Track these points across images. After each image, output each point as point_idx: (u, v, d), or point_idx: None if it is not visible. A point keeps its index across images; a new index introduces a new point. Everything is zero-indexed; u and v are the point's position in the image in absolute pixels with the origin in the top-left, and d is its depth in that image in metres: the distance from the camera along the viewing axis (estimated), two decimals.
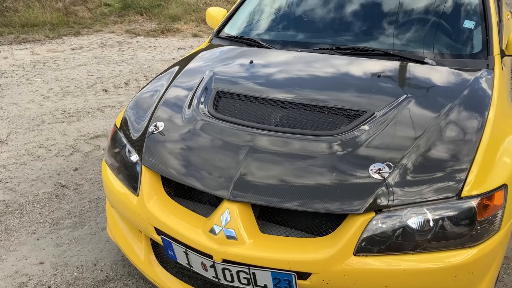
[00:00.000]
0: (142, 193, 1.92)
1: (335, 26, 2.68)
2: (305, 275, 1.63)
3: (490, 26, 2.44)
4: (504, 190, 1.73)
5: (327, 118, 1.93)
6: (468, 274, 1.65)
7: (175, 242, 1.79)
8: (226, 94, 2.17)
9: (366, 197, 1.62)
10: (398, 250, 1.62)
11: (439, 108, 1.95)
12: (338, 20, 2.70)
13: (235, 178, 1.73)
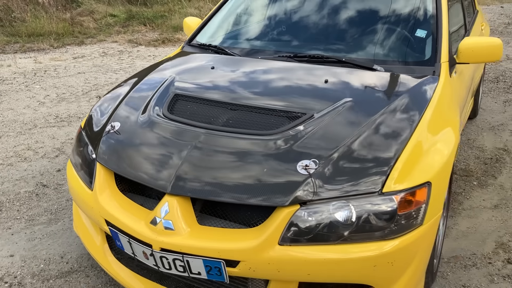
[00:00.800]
0: (96, 188, 2.07)
1: (295, 35, 2.82)
2: (235, 263, 1.75)
3: (440, 35, 2.55)
4: (427, 187, 1.84)
5: (270, 119, 2.06)
6: (388, 264, 1.75)
7: (121, 233, 1.92)
8: (182, 97, 2.32)
9: (292, 191, 1.74)
10: (321, 241, 1.73)
11: (374, 111, 2.07)
12: (297, 30, 2.84)
13: (176, 173, 1.87)
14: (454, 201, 3.15)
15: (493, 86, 5.56)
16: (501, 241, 2.71)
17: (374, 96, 2.20)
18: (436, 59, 2.47)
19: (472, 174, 3.51)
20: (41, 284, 2.36)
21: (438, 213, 1.92)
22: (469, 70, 3.12)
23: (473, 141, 4.09)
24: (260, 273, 1.75)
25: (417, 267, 1.88)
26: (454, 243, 2.71)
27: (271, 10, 3.08)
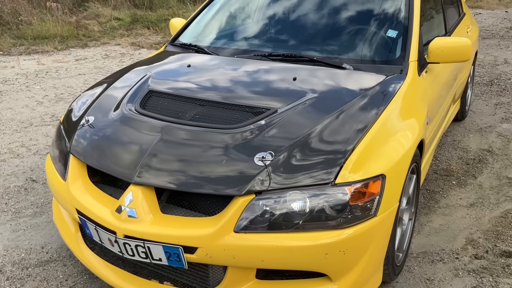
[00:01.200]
0: (68, 179, 2.16)
1: (270, 35, 2.90)
2: (193, 250, 1.83)
3: (410, 36, 2.62)
4: (381, 179, 1.91)
5: (236, 114, 2.14)
6: (340, 253, 1.82)
7: (89, 221, 2.01)
8: (156, 93, 2.41)
9: (248, 181, 1.82)
10: (275, 229, 1.81)
11: (336, 106, 2.15)
12: (273, 30, 2.92)
13: (140, 164, 1.96)
14: (431, 199, 3.20)
15: (487, 89, 5.59)
16: (471, 237, 2.76)
17: (338, 93, 2.28)
18: (405, 59, 2.53)
19: (452, 173, 3.56)
20: (20, 272, 2.46)
21: (393, 205, 1.98)
22: (448, 71, 3.18)
23: (459, 142, 4.13)
24: (217, 259, 1.83)
25: (372, 257, 1.95)
26: (425, 239, 2.76)
27: (249, 12, 3.17)
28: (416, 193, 2.56)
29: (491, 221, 2.93)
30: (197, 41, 3.06)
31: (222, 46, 2.92)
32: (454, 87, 3.59)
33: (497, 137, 4.22)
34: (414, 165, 2.37)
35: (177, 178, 1.90)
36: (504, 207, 3.08)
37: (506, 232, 2.80)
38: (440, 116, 3.08)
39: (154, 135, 2.06)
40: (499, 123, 4.54)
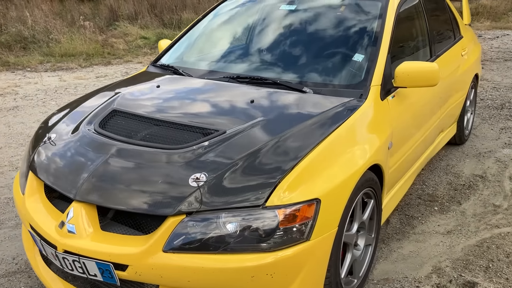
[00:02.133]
0: (26, 193, 2.26)
1: (240, 58, 2.96)
2: (124, 267, 1.88)
3: (376, 60, 2.62)
4: (315, 204, 1.91)
5: (184, 135, 2.19)
6: (267, 276, 1.83)
7: (36, 235, 2.10)
8: (118, 113, 2.49)
9: (179, 201, 1.86)
10: (204, 249, 1.84)
11: (282, 129, 2.17)
12: (244, 53, 2.99)
13: (83, 181, 2.03)
14: (408, 225, 3.14)
15: (496, 112, 5.45)
16: (439, 266, 2.69)
17: (288, 116, 2.30)
18: (367, 83, 2.53)
19: (436, 199, 3.48)
20: None
21: (330, 230, 1.98)
22: (428, 95, 3.13)
23: (452, 167, 4.04)
24: (146, 277, 1.87)
25: (305, 282, 1.94)
26: (391, 265, 2.71)
27: (223, 37, 3.24)
28: (377, 218, 2.53)
29: (464, 250, 2.85)
30: (174, 62, 3.14)
31: (196, 68, 2.99)
32: (441, 111, 3.53)
33: (494, 163, 4.10)
34: (369, 190, 2.35)
35: (116, 197, 1.96)
36: (482, 236, 2.99)
37: (476, 262, 2.72)
38: (416, 142, 3.03)
39: (102, 154, 2.14)
40: (500, 148, 4.42)
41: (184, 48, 3.29)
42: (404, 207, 3.37)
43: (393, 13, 2.90)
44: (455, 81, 3.81)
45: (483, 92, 6.32)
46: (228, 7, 3.44)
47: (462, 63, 3.99)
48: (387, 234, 3.04)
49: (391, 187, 2.87)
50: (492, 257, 2.76)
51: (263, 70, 2.81)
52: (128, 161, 2.07)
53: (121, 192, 1.96)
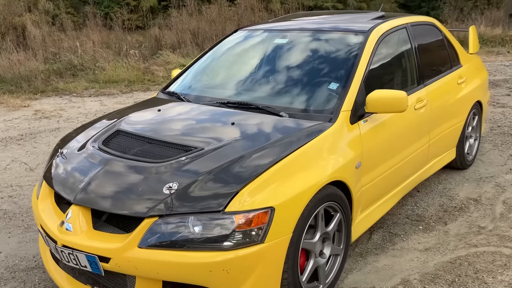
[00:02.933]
0: (39, 199, 2.70)
1: (233, 86, 3.34)
2: (107, 260, 2.25)
3: (348, 88, 2.92)
4: (269, 211, 2.22)
5: (169, 151, 2.57)
6: (223, 272, 2.15)
7: (44, 232, 2.52)
8: (121, 133, 2.91)
9: (153, 205, 2.23)
10: (172, 247, 2.19)
11: (251, 147, 2.51)
12: (236, 82, 3.36)
13: (81, 188, 2.44)
14: (389, 242, 3.36)
15: (509, 139, 5.52)
16: (407, 279, 2.90)
17: (261, 136, 2.64)
18: (338, 109, 2.83)
19: (424, 219, 3.67)
20: (8, 275, 3.01)
21: (283, 235, 2.28)
22: (409, 120, 3.37)
23: (449, 190, 4.21)
24: (124, 269, 2.23)
25: (260, 278, 2.24)
26: (363, 276, 2.95)
27: (218, 68, 3.65)
28: (345, 231, 2.79)
29: (436, 265, 3.04)
30: (179, 90, 3.55)
31: (195, 95, 3.39)
32: (430, 136, 3.74)
33: (493, 187, 4.23)
34: (334, 204, 2.62)
35: (104, 201, 2.35)
36: (457, 254, 3.17)
37: (443, 276, 2.91)
38: (396, 164, 3.26)
39: (99, 166, 2.55)
40: (504, 174, 4.53)
41: (189, 78, 3.70)
42: (390, 225, 3.59)
43: (371, 46, 3.19)
44: (449, 108, 4.01)
45: (502, 119, 6.39)
46: (229, 42, 3.85)
47: (458, 91, 4.19)
48: (366, 248, 3.27)
49: (368, 205, 3.11)
50: (461, 273, 2.94)
51: (249, 96, 3.17)
52: (117, 172, 2.46)
53: (108, 197, 2.35)
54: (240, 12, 15.72)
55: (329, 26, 3.56)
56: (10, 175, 4.78)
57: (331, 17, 4.37)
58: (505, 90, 8.16)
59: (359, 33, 3.29)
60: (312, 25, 3.70)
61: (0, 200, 4.17)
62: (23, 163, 5.10)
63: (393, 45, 3.51)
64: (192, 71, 3.77)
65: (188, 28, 14.25)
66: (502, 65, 10.67)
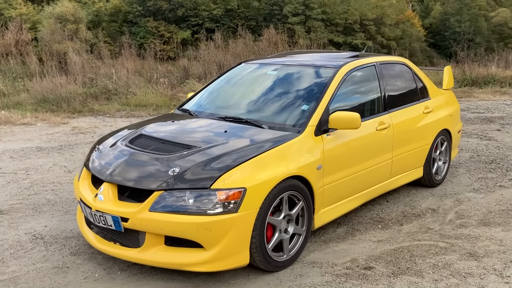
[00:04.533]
0: (80, 180, 3.68)
1: (229, 104, 4.32)
2: (126, 220, 3.17)
3: (316, 108, 3.83)
4: (242, 190, 3.13)
5: (175, 148, 3.52)
6: (206, 230, 3.05)
7: (82, 202, 3.47)
8: (143, 136, 3.88)
9: (160, 182, 3.16)
10: (173, 212, 3.09)
11: (237, 146, 3.43)
12: (232, 101, 4.34)
13: (111, 170, 3.40)
14: (350, 234, 4.17)
15: (482, 166, 6.26)
16: (356, 257, 3.72)
17: (245, 140, 3.56)
18: (306, 124, 3.74)
19: (384, 221, 4.48)
20: (52, 240, 3.96)
21: (252, 209, 3.17)
22: (369, 139, 4.22)
23: (414, 201, 5.00)
24: (138, 226, 3.15)
25: (234, 238, 3.12)
26: (322, 255, 3.78)
27: (224, 91, 4.64)
28: (307, 217, 3.65)
29: (381, 251, 3.84)
30: (191, 107, 4.53)
31: (202, 111, 4.36)
32: (393, 154, 4.57)
33: (452, 202, 5.00)
34: (296, 193, 3.50)
35: (126, 179, 3.30)
36: (402, 244, 3.97)
37: (384, 258, 3.71)
38: (356, 172, 4.10)
39: (125, 156, 3.51)
40: (466, 192, 5.29)
41: (199, 99, 4.68)
42: (355, 223, 4.41)
43: (340, 77, 4.11)
44: (413, 132, 4.85)
45: (483, 149, 7.13)
46: (233, 72, 4.84)
47: (423, 119, 5.03)
48: (330, 237, 4.10)
49: (332, 201, 3.96)
50: (399, 256, 3.74)
51: (243, 113, 4.11)
52: (137, 160, 3.42)
53: (129, 176, 3.30)
54: (264, 47, 16.89)
55: (310, 62, 4.51)
56: (52, 175, 5.80)
57: (315, 55, 5.32)
58: (497, 125, 8.88)
59: (330, 68, 4.22)
60: (297, 60, 4.66)
61: (45, 192, 5.16)
62: (63, 166, 6.13)
63: (361, 78, 4.42)
64: (202, 94, 4.75)
65: (215, 60, 15.43)
66: (504, 104, 11.36)
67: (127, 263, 3.54)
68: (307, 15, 25.46)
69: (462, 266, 3.58)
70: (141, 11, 23.70)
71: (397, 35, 28.65)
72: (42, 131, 8.36)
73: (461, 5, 32.70)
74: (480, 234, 4.17)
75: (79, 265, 3.56)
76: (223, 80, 4.82)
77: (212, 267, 3.14)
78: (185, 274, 3.39)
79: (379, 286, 3.31)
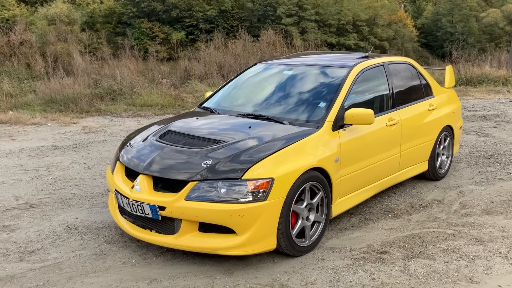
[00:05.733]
0: (114, 173, 3.94)
1: (250, 103, 4.59)
2: (163, 208, 3.44)
3: (332, 105, 4.11)
4: (270, 180, 3.40)
5: (205, 143, 3.79)
6: (239, 216, 3.32)
7: (119, 193, 3.74)
8: (171, 131, 4.14)
9: (195, 173, 3.44)
10: (207, 201, 3.37)
11: (262, 141, 3.71)
12: (253, 100, 4.61)
13: (146, 163, 3.67)
14: (363, 223, 4.46)
15: (482, 160, 6.59)
16: (371, 244, 4.01)
17: (269, 135, 3.84)
18: (324, 120, 4.02)
19: (393, 211, 4.78)
20: (86, 230, 4.22)
21: (279, 197, 3.45)
22: (379, 134, 4.51)
23: (420, 193, 5.30)
24: (174, 214, 3.42)
25: (263, 224, 3.40)
26: (339, 241, 4.06)
27: (241, 89, 4.91)
28: (326, 206, 3.93)
29: (394, 238, 4.13)
30: (211, 105, 4.80)
31: (223, 109, 4.63)
32: (401, 148, 4.87)
33: (456, 193, 5.31)
34: (316, 184, 3.78)
35: (162, 171, 3.57)
36: (413, 232, 4.26)
37: (398, 243, 4.00)
38: (369, 165, 4.40)
39: (157, 150, 3.78)
40: (469, 185, 5.60)
41: (218, 97, 4.96)
42: (367, 213, 4.70)
43: (353, 77, 4.40)
44: (419, 128, 5.16)
45: (482, 145, 7.45)
46: (250, 72, 5.12)
47: (428, 115, 5.34)
48: (345, 226, 4.39)
49: (347, 192, 4.25)
50: (411, 241, 4.04)
51: (262, 110, 4.39)
52: (170, 154, 3.69)
53: (164, 168, 3.57)
54: (263, 48, 17.18)
55: (324, 62, 4.80)
56: (73, 171, 6.05)
57: (327, 56, 5.61)
58: (493, 123, 9.22)
59: (344, 68, 4.51)
60: (311, 61, 4.95)
61: (69, 187, 5.42)
62: (82, 163, 6.38)
63: (371, 77, 4.71)
64: (220, 92, 5.03)
65: (215, 61, 15.70)
66: (498, 102, 11.72)
67: (161, 250, 3.81)
68: (301, 16, 25.78)
69: (469, 250, 3.88)
70: (135, 12, 23.90)
71: (389, 35, 29.07)
72: (54, 131, 8.59)
73: (453, 6, 33.22)
74: (484, 222, 4.48)
75: (115, 252, 3.82)
76: (240, 80, 5.10)
77: (243, 251, 3.42)
78: (216, 259, 3.67)
79: (395, 268, 3.60)
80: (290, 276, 3.46)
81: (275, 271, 3.54)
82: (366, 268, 3.58)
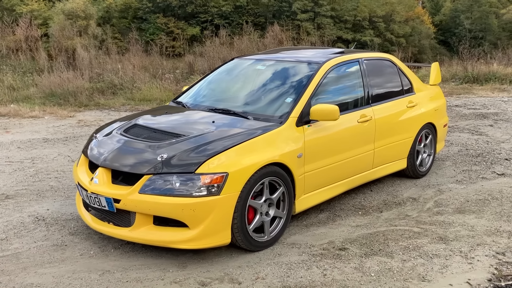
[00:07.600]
0: (78, 166, 3.99)
1: (218, 97, 4.61)
2: (118, 201, 3.48)
3: (298, 101, 4.10)
4: (224, 175, 3.41)
5: (165, 136, 3.81)
6: (190, 210, 3.34)
7: (79, 186, 3.78)
8: (137, 125, 4.18)
9: (150, 167, 3.46)
10: (161, 194, 3.39)
11: (222, 135, 3.72)
12: (221, 94, 4.61)
13: (105, 156, 3.70)
14: (331, 220, 4.45)
15: (469, 159, 6.49)
16: (333, 240, 3.99)
17: (231, 129, 3.85)
18: (288, 115, 4.01)
19: (365, 208, 4.75)
20: (53, 222, 4.28)
21: (233, 192, 3.45)
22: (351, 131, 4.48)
23: (396, 191, 5.25)
24: (128, 207, 3.45)
25: (216, 218, 3.41)
26: (302, 237, 4.05)
27: (215, 85, 4.93)
28: (288, 202, 3.92)
29: (358, 235, 4.11)
30: (184, 100, 4.82)
31: (194, 103, 4.65)
32: (375, 145, 4.83)
33: (434, 192, 5.24)
34: (276, 179, 3.77)
35: (119, 163, 3.60)
36: (378, 229, 4.23)
37: (360, 240, 3.98)
38: (337, 161, 4.37)
39: (118, 143, 3.81)
40: (449, 183, 5.52)
41: (193, 92, 4.98)
42: (337, 210, 4.68)
43: (322, 73, 4.38)
44: (395, 125, 5.11)
45: (473, 144, 7.34)
46: (226, 67, 5.13)
47: (406, 113, 5.28)
48: (312, 222, 4.38)
49: (313, 188, 4.24)
50: (373, 239, 4.01)
51: (230, 105, 4.40)
52: (130, 147, 3.72)
53: (122, 161, 3.60)
54: (268, 43, 17.16)
55: (296, 58, 4.78)
56: (56, 164, 6.13)
57: (303, 51, 5.57)
58: (490, 121, 9.07)
59: (314, 64, 4.49)
60: (285, 57, 4.94)
61: (49, 179, 5.49)
62: (67, 156, 6.46)
63: (344, 73, 4.68)
64: (196, 87, 5.04)
65: (219, 56, 15.72)
66: (501, 100, 11.52)
67: (121, 242, 3.85)
68: (316, 12, 25.62)
69: (430, 249, 3.84)
70: (151, 7, 24.02)
71: (406, 32, 28.68)
72: (49, 124, 8.71)
73: (472, 2, 32.60)
74: (454, 220, 4.42)
75: (76, 244, 3.87)
76: (216, 75, 5.11)
77: (195, 245, 3.44)
78: (173, 253, 3.69)
79: (350, 265, 3.58)
80: (242, 271, 3.47)
81: (229, 265, 3.55)
82: (321, 265, 3.57)
